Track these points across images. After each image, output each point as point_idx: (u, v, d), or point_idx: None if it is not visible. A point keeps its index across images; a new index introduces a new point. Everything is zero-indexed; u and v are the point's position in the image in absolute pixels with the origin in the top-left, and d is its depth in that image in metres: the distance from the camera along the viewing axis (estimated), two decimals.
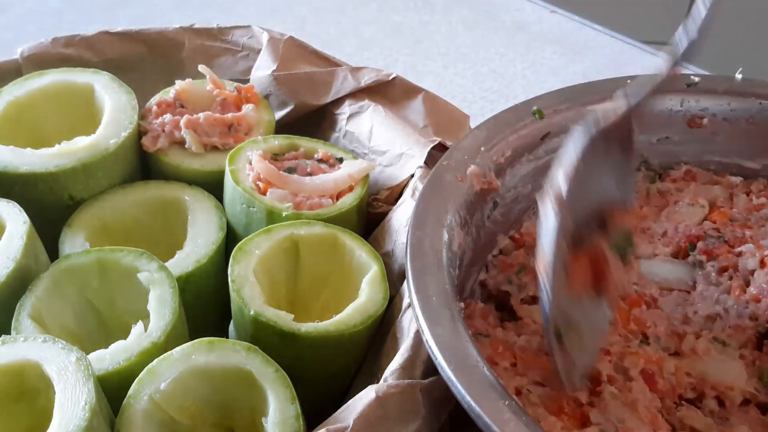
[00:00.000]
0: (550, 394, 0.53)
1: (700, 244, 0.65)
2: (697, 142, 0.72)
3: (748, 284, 0.61)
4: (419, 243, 0.55)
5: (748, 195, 0.70)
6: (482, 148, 0.63)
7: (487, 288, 0.63)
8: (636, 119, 0.54)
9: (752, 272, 0.61)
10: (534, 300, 0.61)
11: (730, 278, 0.62)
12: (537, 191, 0.67)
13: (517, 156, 0.66)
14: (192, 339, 0.54)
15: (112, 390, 0.51)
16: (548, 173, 0.53)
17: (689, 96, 0.70)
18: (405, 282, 0.58)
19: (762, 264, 0.61)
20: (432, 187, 0.59)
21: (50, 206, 0.65)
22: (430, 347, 0.49)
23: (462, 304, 0.54)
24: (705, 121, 0.71)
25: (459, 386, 0.46)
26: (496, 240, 0.65)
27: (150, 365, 0.52)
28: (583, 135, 0.52)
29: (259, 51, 0.79)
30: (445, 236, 0.56)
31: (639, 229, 0.67)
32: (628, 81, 0.70)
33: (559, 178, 0.51)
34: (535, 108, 0.67)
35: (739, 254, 0.63)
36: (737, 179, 0.72)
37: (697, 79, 0.71)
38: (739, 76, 0.72)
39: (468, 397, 0.46)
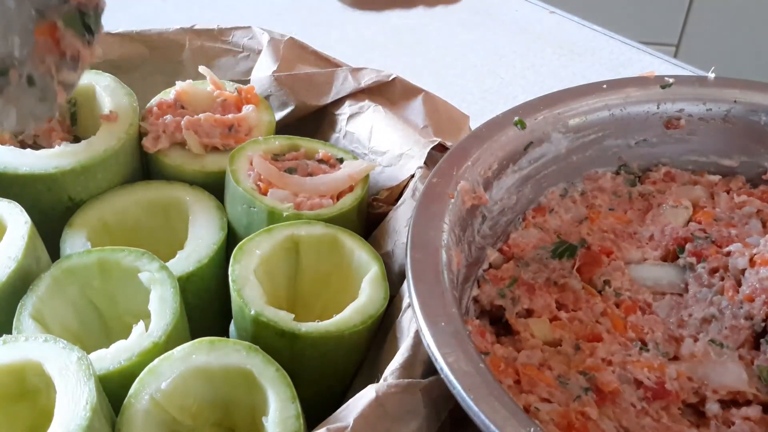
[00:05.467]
0: (558, 410, 0.53)
1: (688, 246, 0.65)
2: (675, 143, 0.72)
3: (739, 284, 0.61)
4: (420, 266, 0.55)
5: (728, 193, 0.71)
6: (469, 163, 0.63)
7: (480, 304, 0.62)
8: None
9: (743, 271, 0.61)
10: (529, 313, 0.61)
11: (722, 279, 0.62)
12: (522, 202, 0.68)
13: (502, 168, 0.66)
14: (193, 339, 0.54)
15: (113, 389, 0.52)
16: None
17: (665, 98, 0.71)
18: (405, 282, 0.58)
19: (751, 263, 0.61)
20: (425, 207, 0.59)
21: (49, 207, 0.66)
22: (429, 347, 0.49)
23: (469, 327, 0.54)
24: (682, 121, 0.71)
25: (457, 385, 0.46)
26: (486, 254, 0.65)
27: (151, 365, 0.52)
28: None
29: (259, 52, 0.79)
30: (444, 257, 0.56)
31: (626, 234, 0.68)
32: (604, 86, 0.71)
33: None
34: (516, 118, 0.67)
35: (728, 254, 0.63)
36: (716, 178, 0.72)
37: (671, 80, 0.71)
38: (711, 75, 0.72)
39: (466, 396, 0.46)
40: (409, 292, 0.53)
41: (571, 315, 0.60)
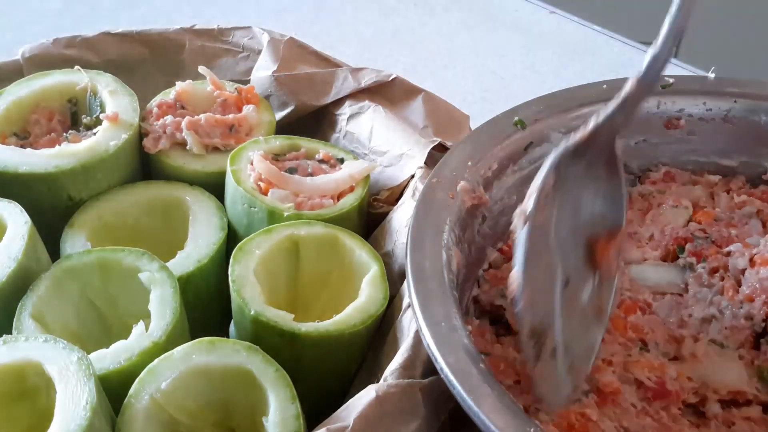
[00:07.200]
0: (558, 410, 0.53)
1: (688, 246, 0.65)
2: (675, 143, 0.72)
3: (739, 284, 0.61)
4: (420, 266, 0.54)
5: (728, 193, 0.71)
6: (469, 163, 0.63)
7: (480, 304, 0.62)
8: (616, 139, 0.55)
9: (743, 271, 0.61)
10: None
11: (722, 279, 0.62)
12: (521, 202, 0.67)
13: (502, 168, 0.65)
14: (193, 339, 0.54)
15: (113, 389, 0.52)
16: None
17: (665, 97, 0.70)
18: (405, 282, 0.58)
19: (752, 263, 0.61)
20: (425, 207, 0.59)
21: (49, 206, 0.66)
22: (429, 347, 0.49)
23: (469, 327, 0.54)
24: (682, 121, 0.71)
25: (458, 386, 0.46)
26: (486, 254, 0.65)
27: (151, 365, 0.52)
28: (552, 155, 0.53)
29: (259, 52, 0.79)
30: (444, 257, 0.56)
31: (626, 234, 0.67)
32: (604, 86, 0.70)
33: (528, 197, 0.52)
34: (516, 118, 0.67)
35: (728, 254, 0.63)
36: (716, 178, 0.72)
37: (671, 80, 0.71)
38: (711, 75, 0.72)
39: (467, 397, 0.46)
40: (409, 292, 0.53)
41: None
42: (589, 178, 0.55)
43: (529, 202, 0.52)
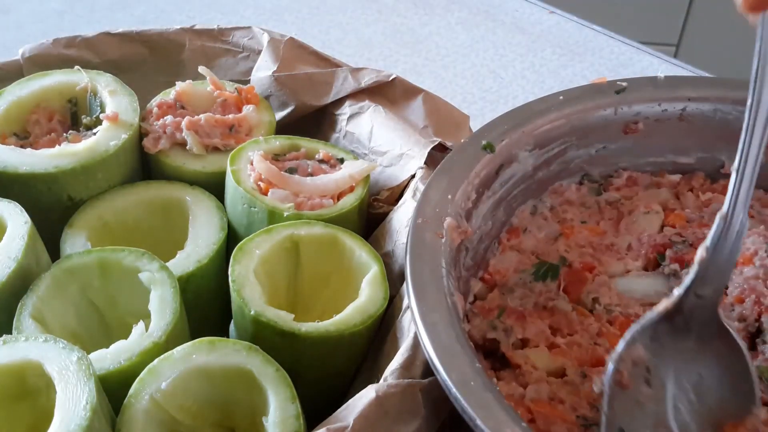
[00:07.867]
0: None
1: (668, 252, 0.64)
2: (632, 146, 0.71)
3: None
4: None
5: (692, 192, 0.70)
6: (449, 196, 0.61)
7: (473, 339, 0.60)
8: (719, 310, 0.53)
9: None
10: (524, 343, 0.59)
11: None
12: (496, 226, 0.66)
13: (479, 196, 0.64)
14: (193, 339, 0.54)
15: (113, 389, 0.52)
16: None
17: (622, 103, 0.69)
18: (405, 283, 0.57)
19: None
20: (418, 253, 0.57)
21: (49, 206, 0.66)
22: (426, 351, 0.49)
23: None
24: (639, 125, 0.70)
25: (454, 390, 0.46)
26: (470, 286, 0.63)
27: (151, 365, 0.52)
28: (634, 327, 0.52)
29: (259, 52, 0.79)
30: (449, 302, 0.54)
31: (603, 247, 0.66)
32: (560, 97, 0.69)
33: (609, 368, 0.51)
34: (484, 142, 0.65)
35: None
36: (677, 177, 0.71)
37: (624, 84, 0.70)
38: (662, 76, 0.71)
39: (463, 401, 0.46)
40: (408, 296, 0.53)
41: (569, 340, 0.59)
42: (707, 355, 0.53)
43: (610, 375, 0.51)
